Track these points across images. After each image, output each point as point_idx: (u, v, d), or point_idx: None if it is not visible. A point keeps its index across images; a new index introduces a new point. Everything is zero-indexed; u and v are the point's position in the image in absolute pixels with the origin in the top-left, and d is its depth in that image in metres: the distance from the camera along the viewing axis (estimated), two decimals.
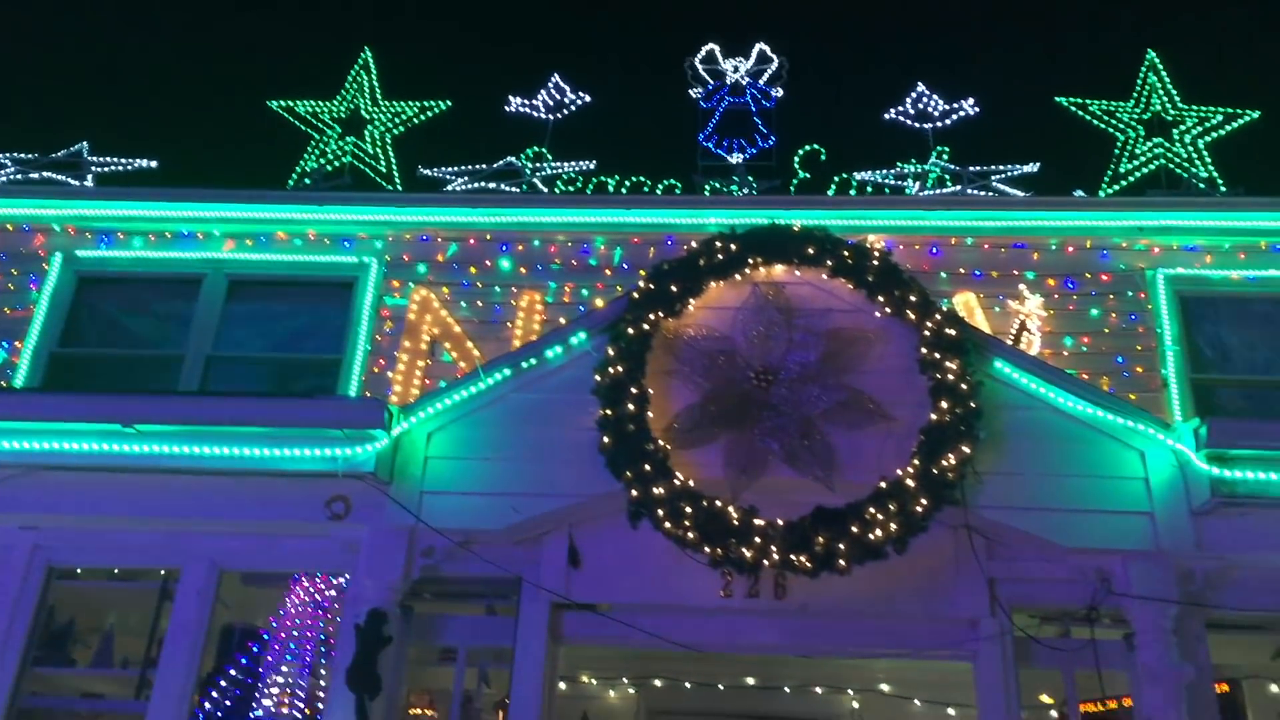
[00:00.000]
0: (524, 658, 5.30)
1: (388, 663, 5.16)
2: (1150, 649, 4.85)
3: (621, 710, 7.78)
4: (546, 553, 5.46)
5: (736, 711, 7.70)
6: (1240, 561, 5.09)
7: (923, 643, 5.29)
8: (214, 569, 5.49)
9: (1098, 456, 5.26)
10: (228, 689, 5.29)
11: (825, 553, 4.98)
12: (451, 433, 5.55)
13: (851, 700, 7.68)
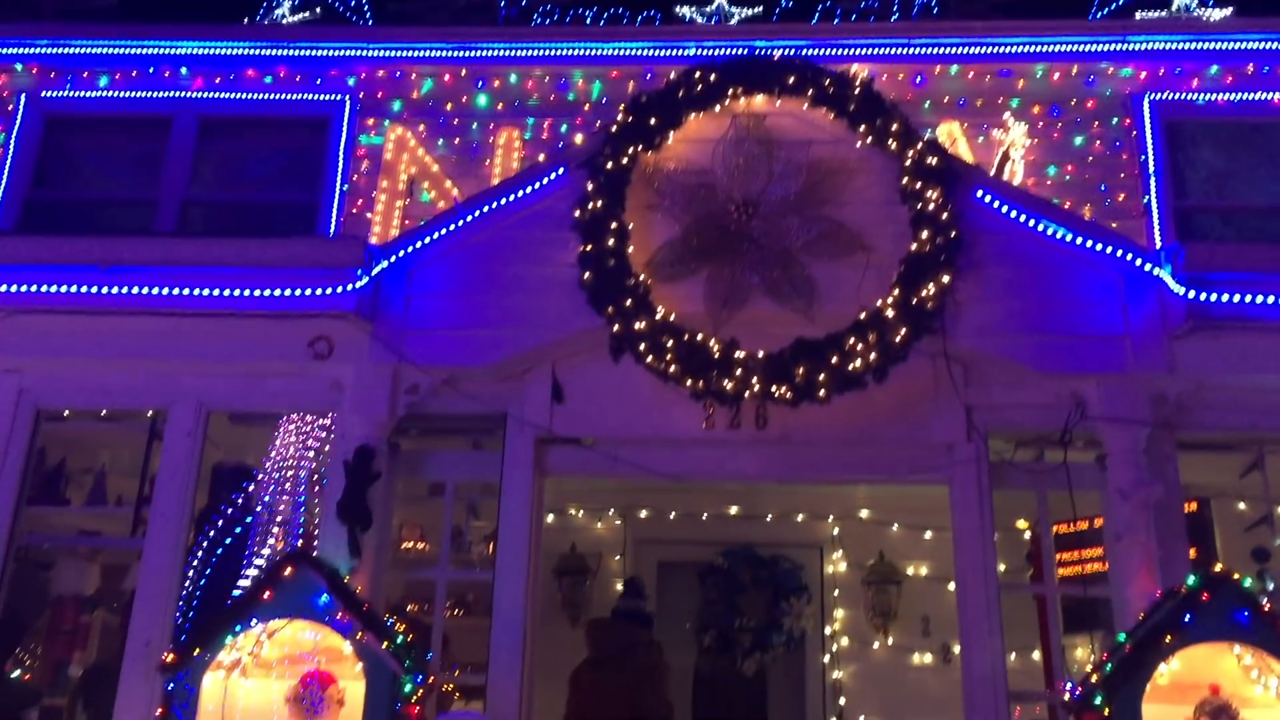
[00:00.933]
0: (510, 490, 5.41)
1: (377, 497, 5.27)
2: (1121, 469, 4.98)
3: (609, 541, 8.00)
4: (530, 388, 5.52)
5: (720, 540, 7.92)
6: (1213, 383, 5.19)
7: (901, 468, 5.42)
8: (201, 409, 5.54)
9: (1076, 283, 5.29)
10: (222, 525, 5.40)
11: (805, 383, 5.05)
12: (432, 271, 5.54)
13: (832, 527, 7.91)
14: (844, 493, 7.67)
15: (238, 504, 5.48)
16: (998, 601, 5.13)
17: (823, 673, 7.65)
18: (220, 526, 5.37)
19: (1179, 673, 4.27)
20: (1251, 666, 4.27)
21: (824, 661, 7.66)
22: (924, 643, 7.58)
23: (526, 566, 5.29)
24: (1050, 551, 5.48)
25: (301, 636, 4.65)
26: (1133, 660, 4.14)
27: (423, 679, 4.43)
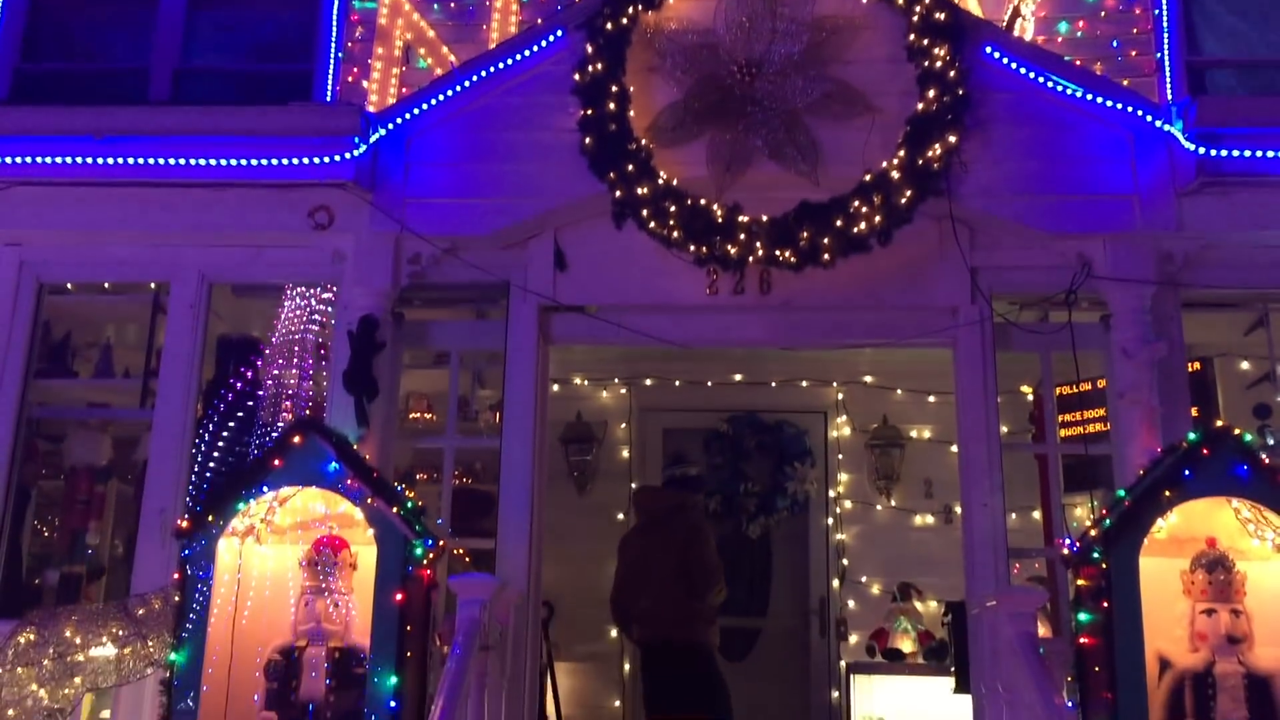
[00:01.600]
0: (515, 358, 5.43)
1: (383, 367, 5.30)
2: (1126, 329, 4.98)
3: (614, 409, 8.07)
4: (533, 256, 5.50)
5: (725, 406, 7.99)
6: (1220, 241, 5.15)
7: (905, 332, 5.42)
8: (203, 281, 5.53)
9: (1085, 141, 5.21)
10: (230, 396, 5.43)
11: (809, 247, 5.01)
12: (431, 138, 5.46)
13: (836, 392, 7.96)
14: (848, 358, 7.70)
15: (245, 376, 5.50)
16: (999, 461, 5.18)
17: (826, 535, 7.78)
18: (228, 398, 5.40)
19: (1177, 526, 4.34)
20: (1249, 520, 4.33)
21: (827, 524, 7.79)
22: (926, 504, 7.70)
23: (533, 433, 5.34)
24: (1053, 412, 5.52)
25: (313, 503, 4.72)
26: (1131, 515, 4.20)
27: (433, 543, 4.51)
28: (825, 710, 7.41)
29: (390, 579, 4.43)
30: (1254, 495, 4.17)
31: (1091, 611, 4.22)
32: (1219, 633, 4.15)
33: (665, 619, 5.97)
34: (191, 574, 4.44)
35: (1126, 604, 4.12)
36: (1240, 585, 4.23)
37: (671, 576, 5.95)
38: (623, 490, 7.91)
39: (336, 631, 4.49)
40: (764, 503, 7.80)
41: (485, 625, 4.37)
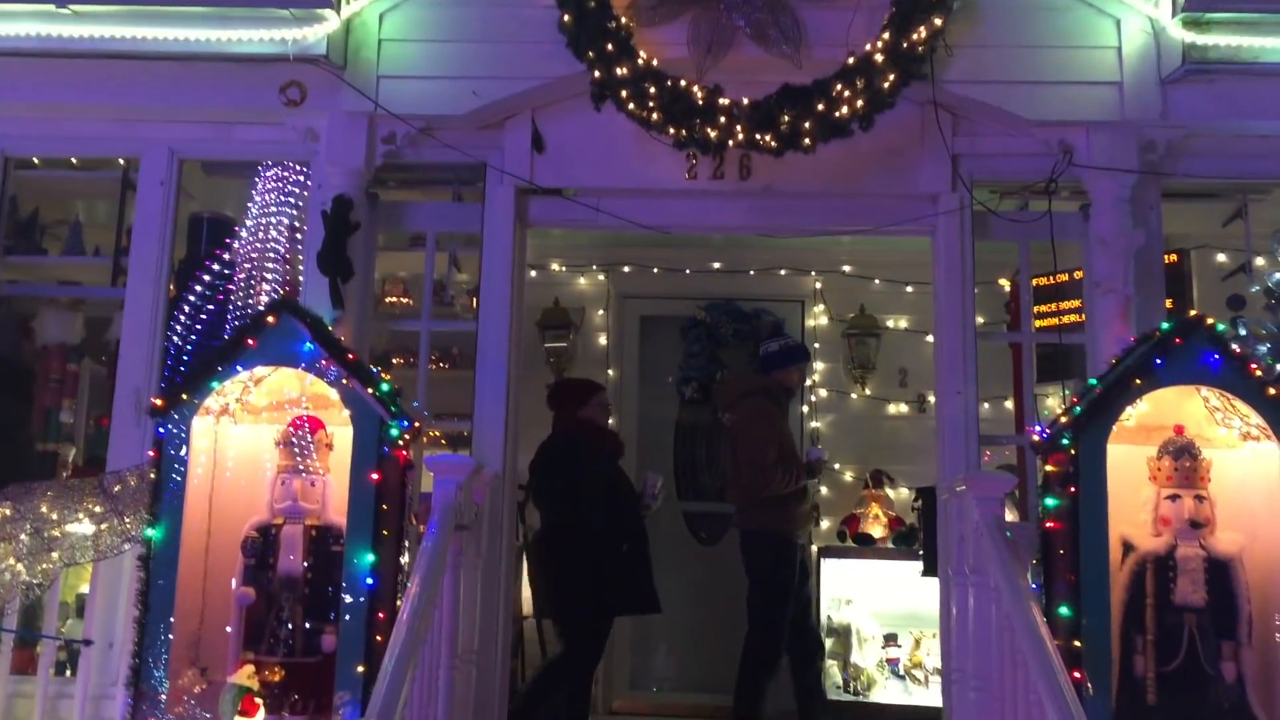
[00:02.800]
0: (492, 241, 5.38)
1: (358, 249, 5.25)
2: (1105, 218, 4.97)
3: (591, 295, 8.05)
4: (509, 137, 5.41)
5: (703, 294, 7.98)
6: (1204, 130, 5.11)
7: (884, 219, 5.39)
8: (172, 157, 5.43)
9: (1072, 26, 5.13)
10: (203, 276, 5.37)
11: (790, 131, 4.94)
12: (405, 13, 5.32)
13: (814, 281, 7.96)
14: (826, 247, 7.67)
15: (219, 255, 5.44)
16: (974, 350, 5.20)
17: (801, 422, 7.85)
18: (201, 278, 5.33)
19: (1146, 415, 4.39)
20: (1217, 408, 4.38)
21: (803, 411, 7.85)
22: (901, 393, 7.77)
23: (509, 316, 5.33)
24: (1028, 301, 5.53)
25: (288, 384, 4.72)
26: (1101, 402, 4.25)
27: (408, 424, 4.53)
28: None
29: (366, 459, 4.45)
30: (1223, 384, 4.22)
31: (1058, 497, 4.29)
32: (1182, 517, 4.23)
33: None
34: (167, 452, 4.45)
35: (1093, 489, 4.19)
36: (1205, 472, 4.30)
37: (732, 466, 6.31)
38: (600, 377, 7.93)
39: (313, 510, 4.53)
40: None
41: (461, 505, 4.40)
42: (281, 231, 5.36)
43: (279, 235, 5.34)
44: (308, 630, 4.40)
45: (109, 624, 4.90)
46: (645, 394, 8.04)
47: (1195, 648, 4.14)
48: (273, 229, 5.35)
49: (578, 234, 7.52)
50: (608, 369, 7.94)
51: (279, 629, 4.38)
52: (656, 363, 8.03)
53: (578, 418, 6.14)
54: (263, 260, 5.27)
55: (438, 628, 4.08)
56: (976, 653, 4.25)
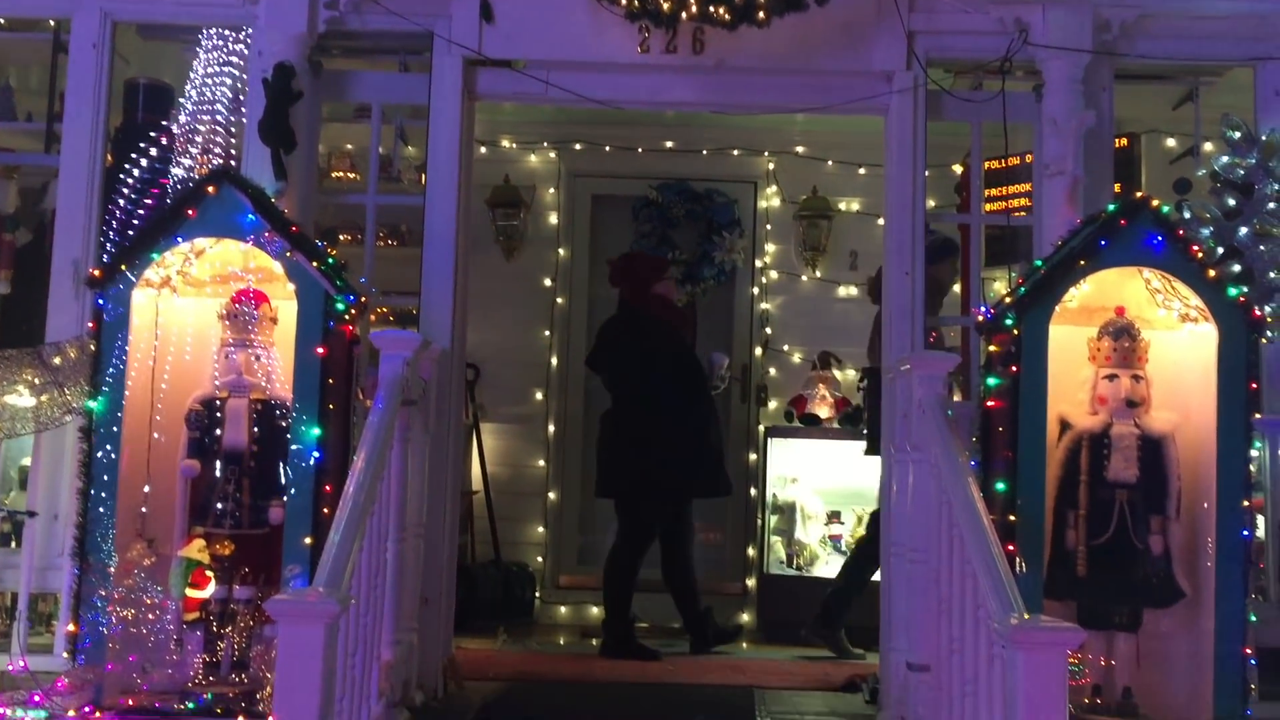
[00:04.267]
0: (439, 113, 5.26)
1: (300, 119, 5.12)
2: (1057, 98, 4.94)
3: (542, 173, 7.95)
4: (457, 6, 5.26)
5: (655, 174, 7.91)
6: (1159, 10, 5.09)
7: (838, 97, 5.33)
8: (106, 19, 5.21)
9: None
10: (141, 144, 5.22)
11: (744, 3, 4.82)
12: None
13: (767, 162, 7.91)
14: (780, 127, 7.61)
15: (157, 123, 5.28)
16: (923, 231, 5.21)
17: (751, 304, 7.89)
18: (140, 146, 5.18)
19: (1089, 296, 4.44)
20: (1158, 290, 4.44)
21: (753, 294, 7.88)
22: (850, 276, 7.81)
23: (457, 192, 5.24)
24: (979, 183, 5.54)
25: (232, 256, 4.63)
26: (1046, 283, 4.28)
27: (355, 299, 4.47)
28: (743, 471, 7.68)
29: (312, 333, 4.40)
30: (1165, 266, 4.26)
31: (1000, 376, 4.35)
32: (1119, 396, 4.31)
33: None
34: (107, 323, 4.37)
35: (1034, 369, 4.24)
36: (1143, 353, 4.37)
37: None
38: (550, 256, 7.90)
39: (258, 384, 4.48)
40: (691, 271, 7.84)
41: (408, 380, 4.39)
42: (223, 101, 5.20)
43: (220, 104, 5.18)
44: (254, 503, 4.40)
45: (53, 496, 4.87)
46: (596, 275, 8.00)
47: (1125, 522, 4.26)
48: (214, 98, 5.20)
49: (528, 109, 7.38)
50: (558, 248, 7.90)
51: (226, 502, 4.38)
52: (607, 242, 7.97)
53: (651, 293, 6.11)
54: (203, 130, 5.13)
55: (385, 501, 4.10)
56: (915, 526, 4.36)
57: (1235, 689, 4.10)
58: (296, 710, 3.05)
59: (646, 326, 6.07)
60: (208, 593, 4.38)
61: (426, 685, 4.76)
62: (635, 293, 6.20)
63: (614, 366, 6.20)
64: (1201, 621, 4.24)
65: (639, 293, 6.18)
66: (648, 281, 6.18)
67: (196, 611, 4.39)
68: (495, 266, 7.68)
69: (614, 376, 6.22)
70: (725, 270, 7.86)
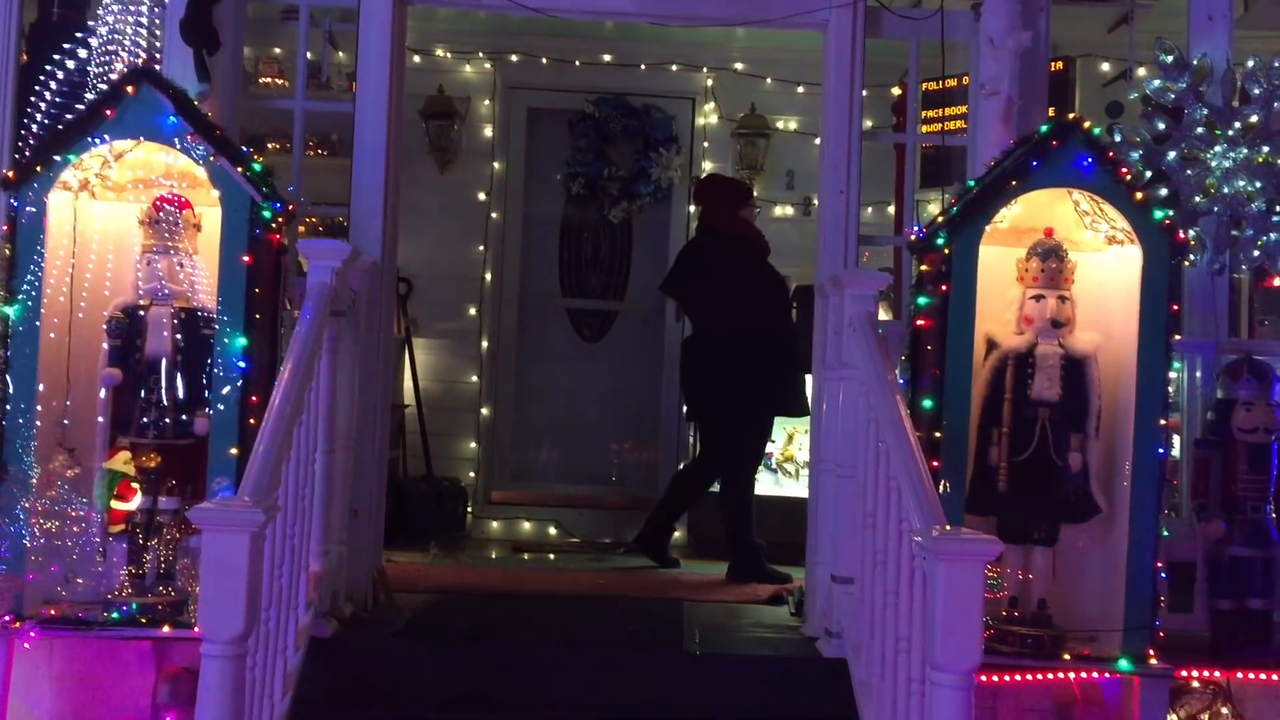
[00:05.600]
0: (369, 17, 5.09)
1: (225, 18, 4.95)
2: (995, 16, 4.89)
3: (477, 85, 7.81)
4: None
5: (593, 88, 7.80)
6: None
7: (777, 10, 5.26)
8: None
9: None
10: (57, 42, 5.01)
11: None
12: None
13: (706, 78, 7.83)
14: (719, 43, 7.54)
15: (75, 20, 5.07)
16: (859, 149, 5.19)
17: (687, 222, 7.85)
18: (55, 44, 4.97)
19: (1019, 217, 4.48)
20: (1086, 212, 4.48)
21: (689, 211, 7.84)
22: (787, 195, 7.81)
23: (388, 99, 5.11)
24: (915, 103, 5.53)
25: (154, 159, 4.49)
26: (977, 203, 4.30)
27: (281, 207, 4.38)
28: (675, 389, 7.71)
29: (237, 241, 4.30)
30: (1095, 188, 4.30)
31: (930, 295, 4.39)
32: (1045, 317, 4.37)
33: None
34: (23, 225, 4.22)
35: (963, 288, 4.28)
36: (1070, 274, 4.42)
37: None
38: (485, 170, 7.79)
39: (181, 292, 4.38)
40: (627, 188, 7.78)
41: (337, 291, 4.32)
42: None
43: (143, 1, 4.99)
44: (179, 413, 4.32)
45: None
46: (531, 190, 7.94)
47: (1046, 440, 4.34)
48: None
49: (464, 18, 7.23)
50: (493, 161, 7.79)
51: (149, 412, 4.30)
52: (543, 157, 7.91)
53: (737, 217, 6.08)
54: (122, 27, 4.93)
55: (313, 412, 4.05)
56: (843, 442, 4.41)
57: (1145, 601, 4.23)
58: (221, 619, 3.04)
59: (734, 250, 6.06)
60: (133, 504, 4.33)
61: (356, 597, 4.76)
62: (719, 215, 6.19)
63: (700, 290, 6.19)
64: (1116, 536, 4.36)
65: (724, 215, 6.17)
66: (733, 206, 6.17)
67: (122, 524, 4.35)
68: (429, 179, 7.56)
69: (699, 300, 6.22)
70: (662, 187, 7.81)
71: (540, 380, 7.89)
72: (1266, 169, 4.72)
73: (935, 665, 3.08)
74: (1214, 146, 4.77)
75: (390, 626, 4.69)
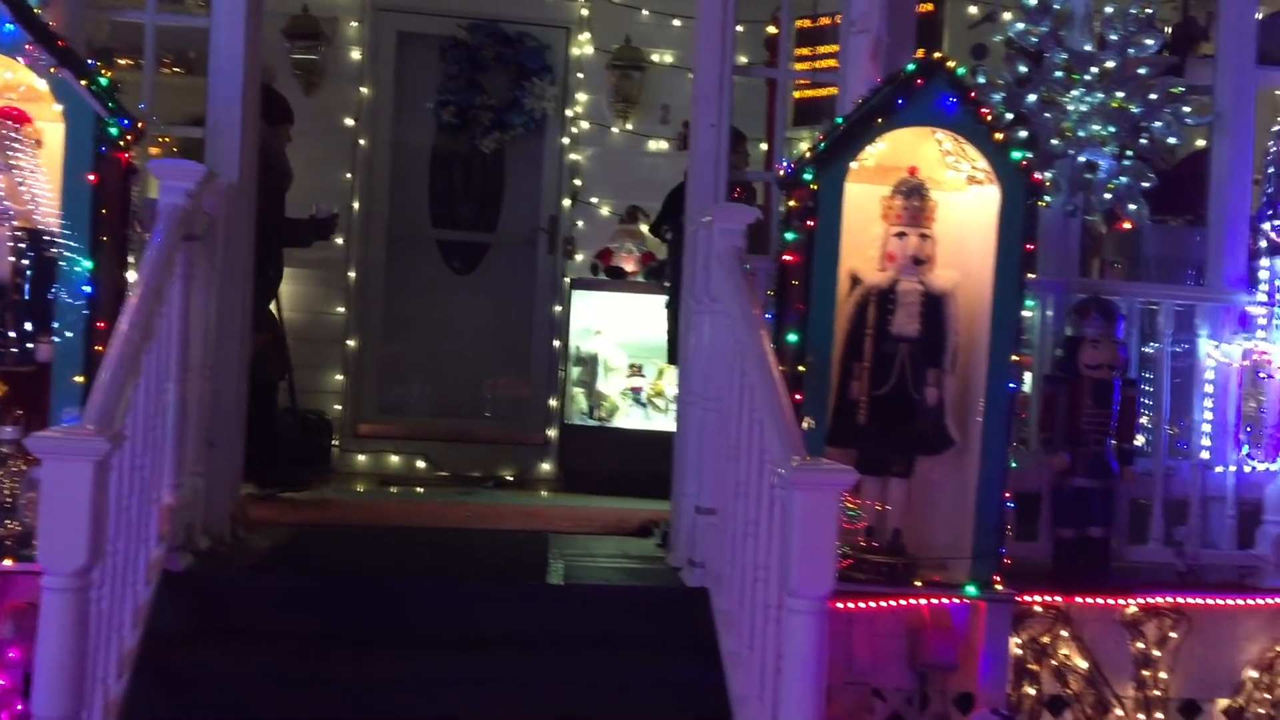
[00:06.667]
0: None
1: None
2: None
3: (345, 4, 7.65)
4: None
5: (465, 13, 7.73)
6: None
7: None
8: None
9: None
10: None
11: None
12: None
13: (581, 7, 7.73)
14: None
15: None
16: (730, 83, 5.15)
17: (560, 154, 7.78)
18: None
19: (884, 155, 4.53)
20: (949, 152, 4.56)
21: (562, 143, 7.76)
22: (661, 130, 7.78)
23: (246, 14, 4.88)
24: (788, 39, 5.54)
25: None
26: (844, 139, 4.35)
27: (130, 124, 4.19)
28: (548, 323, 7.69)
29: (81, 159, 4.10)
30: (956, 127, 4.37)
31: (797, 231, 4.43)
32: (906, 254, 4.45)
33: None
34: None
35: (828, 224, 4.34)
36: (931, 212, 4.50)
37: None
38: (352, 95, 7.57)
39: (23, 211, 4.16)
40: (500, 117, 7.66)
41: (190, 213, 4.15)
42: None
43: None
44: (21, 339, 4.12)
45: None
46: (400, 117, 7.75)
47: (905, 374, 4.45)
48: None
49: None
50: (361, 86, 7.56)
51: None
52: (413, 83, 7.72)
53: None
54: None
55: (164, 339, 3.91)
56: (709, 376, 4.44)
57: (993, 530, 4.39)
58: (62, 552, 2.92)
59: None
60: None
61: (214, 530, 4.64)
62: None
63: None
64: (968, 468, 4.50)
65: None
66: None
67: None
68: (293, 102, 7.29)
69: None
70: (535, 118, 7.70)
71: (409, 312, 7.75)
72: (1120, 114, 4.86)
73: (790, 592, 3.15)
74: (1071, 90, 4.89)
75: (248, 561, 4.60)
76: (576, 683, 4.05)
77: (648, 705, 4.03)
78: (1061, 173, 4.95)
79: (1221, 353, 5.03)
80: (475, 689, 3.99)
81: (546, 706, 3.98)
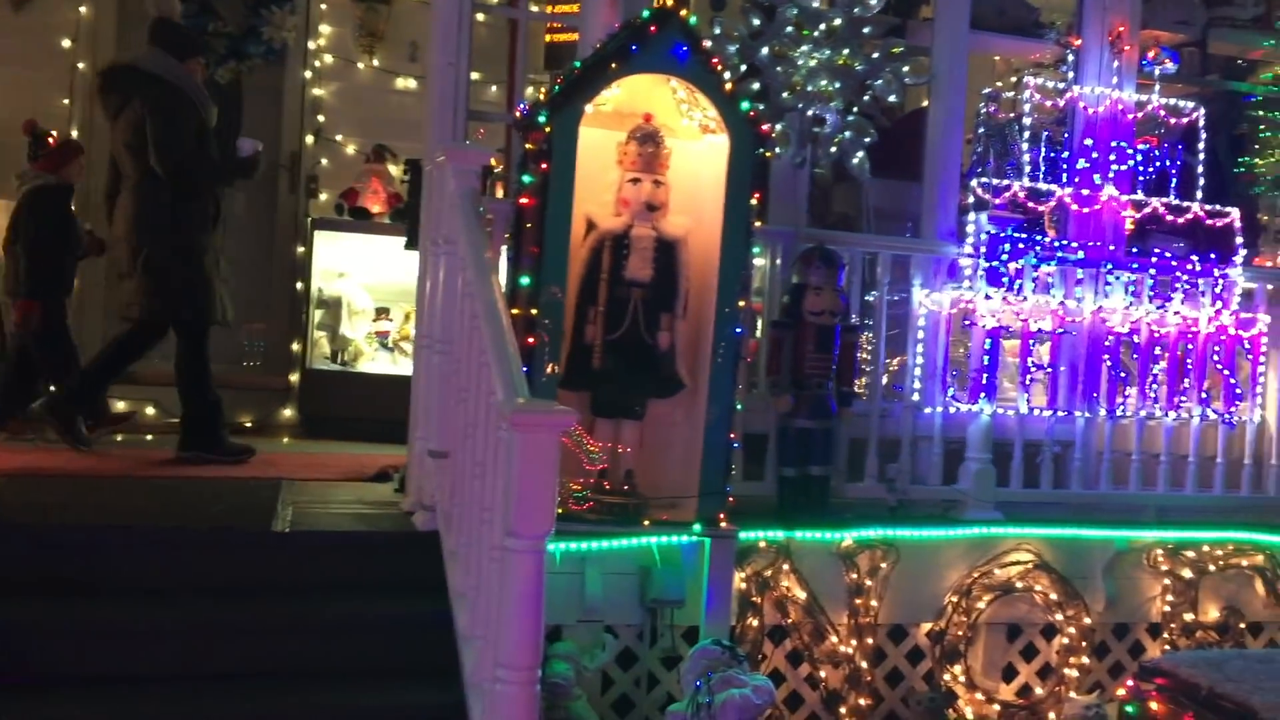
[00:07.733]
0: None
1: None
2: None
3: None
4: None
5: None
6: None
7: None
8: None
9: None
10: None
11: None
12: None
13: None
14: None
15: None
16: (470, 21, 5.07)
17: (302, 89, 7.50)
18: None
19: (620, 101, 4.57)
20: (683, 101, 4.64)
21: (305, 77, 7.48)
22: (409, 68, 7.62)
23: None
24: None
25: None
26: (579, 83, 4.34)
27: None
28: (289, 264, 7.42)
29: None
30: (689, 76, 4.44)
31: (532, 174, 4.41)
32: (640, 200, 4.51)
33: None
34: None
35: (563, 167, 4.34)
36: (665, 159, 4.58)
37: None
38: (69, 13, 7.03)
39: None
40: (236, 46, 7.29)
41: None
42: None
43: None
44: None
45: None
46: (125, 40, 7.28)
47: (638, 319, 4.53)
48: None
49: None
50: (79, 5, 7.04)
51: None
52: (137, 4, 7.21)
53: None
54: None
55: None
56: (443, 320, 4.40)
57: (719, 470, 4.55)
58: None
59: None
60: None
61: None
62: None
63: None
64: (698, 411, 4.63)
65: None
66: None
67: None
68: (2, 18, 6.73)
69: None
70: (274, 49, 7.38)
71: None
72: (845, 71, 5.05)
73: (510, 532, 3.17)
74: (801, 46, 5.05)
75: None
76: (307, 630, 3.96)
77: (376, 650, 3.99)
78: (791, 125, 5.10)
79: (932, 301, 5.35)
80: (190, 640, 3.84)
81: (264, 658, 3.87)
